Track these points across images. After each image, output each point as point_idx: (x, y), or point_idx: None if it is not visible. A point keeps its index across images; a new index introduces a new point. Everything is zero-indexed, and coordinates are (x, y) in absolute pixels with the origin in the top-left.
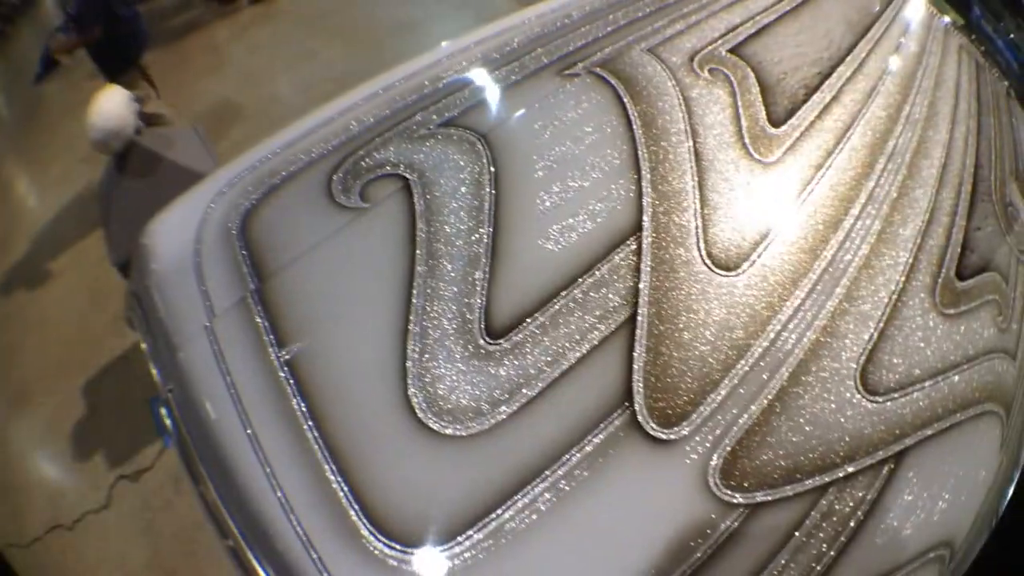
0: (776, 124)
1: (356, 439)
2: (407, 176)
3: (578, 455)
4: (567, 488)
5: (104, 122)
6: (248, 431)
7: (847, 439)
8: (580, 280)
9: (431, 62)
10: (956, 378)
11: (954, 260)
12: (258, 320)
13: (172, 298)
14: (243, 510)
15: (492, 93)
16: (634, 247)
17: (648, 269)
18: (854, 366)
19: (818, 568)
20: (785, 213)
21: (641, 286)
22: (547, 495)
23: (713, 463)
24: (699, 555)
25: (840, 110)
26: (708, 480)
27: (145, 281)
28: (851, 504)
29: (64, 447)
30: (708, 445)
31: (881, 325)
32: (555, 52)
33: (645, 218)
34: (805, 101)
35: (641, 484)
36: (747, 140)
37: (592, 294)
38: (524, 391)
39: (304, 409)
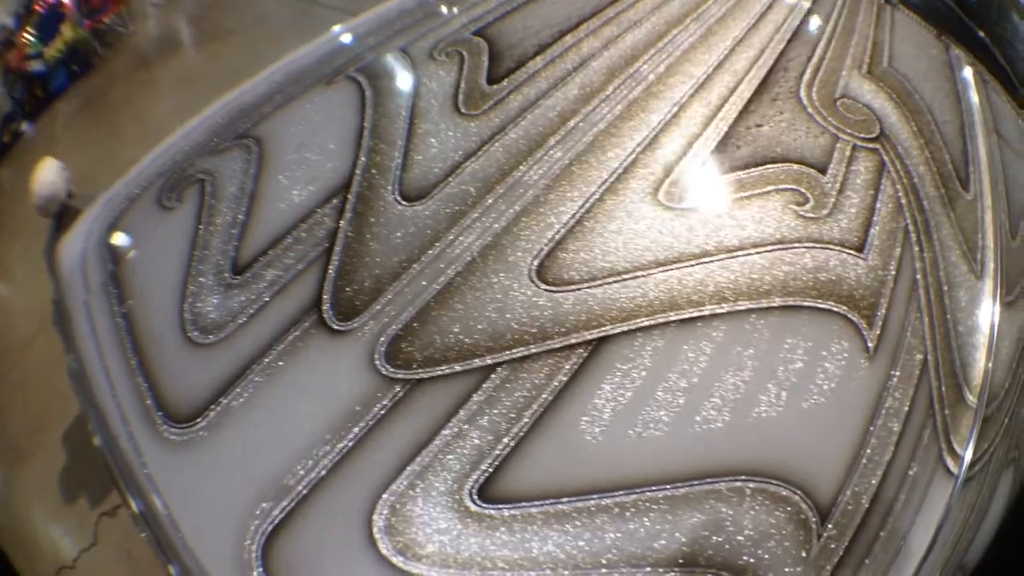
0: (493, 82)
1: (155, 355)
2: (204, 178)
3: (279, 347)
4: (270, 373)
5: (41, 189)
6: (104, 370)
7: (518, 326)
8: (298, 226)
9: (250, 86)
10: (696, 268)
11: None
12: (112, 291)
13: (69, 289)
14: (104, 426)
15: (274, 109)
16: (341, 197)
17: (350, 209)
18: (531, 261)
19: (498, 449)
20: (475, 153)
21: (342, 223)
22: (258, 378)
23: (380, 346)
24: (369, 419)
25: (571, 56)
26: (375, 361)
27: (56, 285)
28: (530, 385)
29: (57, 494)
30: (376, 332)
31: (571, 224)
32: (331, 65)
33: (356, 173)
34: (533, 58)
35: (323, 367)
36: (460, 100)
37: (304, 235)
38: (252, 308)
39: (131, 343)
